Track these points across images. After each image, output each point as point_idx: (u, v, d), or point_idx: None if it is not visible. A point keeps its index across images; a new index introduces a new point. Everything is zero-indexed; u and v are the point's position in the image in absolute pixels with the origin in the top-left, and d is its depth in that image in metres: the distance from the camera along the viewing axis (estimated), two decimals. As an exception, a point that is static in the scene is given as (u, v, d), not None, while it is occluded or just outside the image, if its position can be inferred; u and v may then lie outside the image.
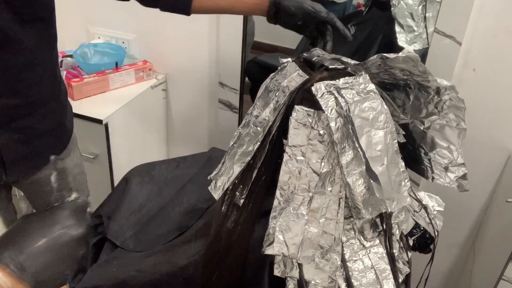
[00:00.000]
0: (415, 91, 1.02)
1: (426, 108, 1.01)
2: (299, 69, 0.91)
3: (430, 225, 1.10)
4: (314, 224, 0.88)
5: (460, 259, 1.94)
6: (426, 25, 1.61)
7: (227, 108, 1.94)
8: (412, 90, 1.02)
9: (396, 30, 1.64)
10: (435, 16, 1.56)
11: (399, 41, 1.65)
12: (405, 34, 1.64)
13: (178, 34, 1.91)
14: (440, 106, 1.00)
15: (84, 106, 1.76)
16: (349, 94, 0.84)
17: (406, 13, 1.62)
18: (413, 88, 1.02)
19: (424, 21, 1.63)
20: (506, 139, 1.64)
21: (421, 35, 1.64)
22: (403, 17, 1.62)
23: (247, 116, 0.96)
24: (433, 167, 1.06)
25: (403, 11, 1.61)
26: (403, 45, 1.65)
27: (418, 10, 1.61)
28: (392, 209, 0.88)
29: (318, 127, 0.85)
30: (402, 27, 1.63)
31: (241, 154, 0.94)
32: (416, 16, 1.62)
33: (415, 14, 1.62)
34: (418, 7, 1.61)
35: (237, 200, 0.96)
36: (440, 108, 1.00)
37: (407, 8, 1.61)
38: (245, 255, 1.00)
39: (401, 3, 1.62)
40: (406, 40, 1.64)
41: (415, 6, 1.60)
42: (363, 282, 0.92)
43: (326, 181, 0.87)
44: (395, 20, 1.63)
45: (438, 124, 1.01)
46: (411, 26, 1.63)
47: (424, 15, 1.61)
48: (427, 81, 0.97)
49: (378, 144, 0.85)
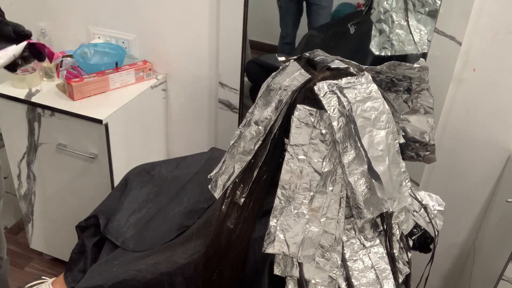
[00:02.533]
0: (402, 94, 1.06)
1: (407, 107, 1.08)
2: (301, 69, 0.91)
3: (430, 225, 1.10)
4: (315, 223, 0.88)
5: (460, 259, 1.94)
6: (411, 31, 1.59)
7: (227, 108, 1.94)
8: (401, 92, 1.05)
9: (372, 34, 1.63)
10: (417, 25, 1.56)
11: (371, 46, 1.63)
12: (378, 38, 1.62)
13: (178, 34, 1.91)
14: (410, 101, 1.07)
15: (84, 106, 1.76)
16: (351, 93, 0.84)
17: (382, 18, 1.60)
18: (402, 91, 1.05)
19: (400, 27, 1.60)
20: (506, 139, 1.64)
21: (392, 41, 1.62)
22: (379, 21, 1.60)
23: (248, 115, 0.96)
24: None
25: (380, 15, 1.60)
26: (372, 49, 1.62)
27: (393, 16, 1.59)
28: (394, 208, 0.88)
29: (320, 126, 0.85)
30: (378, 31, 1.62)
31: (242, 153, 0.94)
32: (389, 22, 1.60)
33: (389, 20, 1.60)
34: (395, 13, 1.58)
35: (238, 199, 0.96)
36: (411, 103, 1.07)
37: (383, 12, 1.60)
38: (245, 254, 1.00)
39: (379, 7, 1.60)
40: (377, 44, 1.63)
41: (391, 12, 1.58)
42: (363, 281, 0.93)
43: (327, 181, 0.87)
44: (373, 24, 1.62)
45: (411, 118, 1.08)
46: (385, 31, 1.61)
47: (407, 22, 1.59)
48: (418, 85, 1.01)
49: (380, 144, 0.85)
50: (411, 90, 1.05)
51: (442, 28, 1.53)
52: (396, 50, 1.61)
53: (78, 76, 1.84)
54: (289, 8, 1.90)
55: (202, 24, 1.85)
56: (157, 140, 2.12)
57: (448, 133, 1.71)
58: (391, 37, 1.60)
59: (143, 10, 1.92)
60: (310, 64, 0.95)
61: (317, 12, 1.85)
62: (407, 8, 1.56)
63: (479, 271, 1.73)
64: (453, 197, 1.78)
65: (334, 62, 0.92)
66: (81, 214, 1.98)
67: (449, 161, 1.75)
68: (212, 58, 1.91)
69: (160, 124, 2.10)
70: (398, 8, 1.57)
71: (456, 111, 1.66)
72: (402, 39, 1.59)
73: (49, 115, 1.79)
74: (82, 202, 1.95)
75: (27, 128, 1.86)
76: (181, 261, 1.09)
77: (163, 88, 2.03)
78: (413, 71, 0.98)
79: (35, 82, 1.87)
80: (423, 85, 1.03)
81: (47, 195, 2.01)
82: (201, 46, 1.90)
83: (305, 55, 0.97)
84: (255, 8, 1.75)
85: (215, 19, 1.82)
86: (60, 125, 1.79)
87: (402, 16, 1.58)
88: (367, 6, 1.74)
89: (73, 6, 2.02)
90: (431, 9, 1.54)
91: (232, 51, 1.81)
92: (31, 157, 1.93)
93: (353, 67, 0.92)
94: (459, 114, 1.66)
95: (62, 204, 2.02)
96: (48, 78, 1.92)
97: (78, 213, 2.00)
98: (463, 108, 1.65)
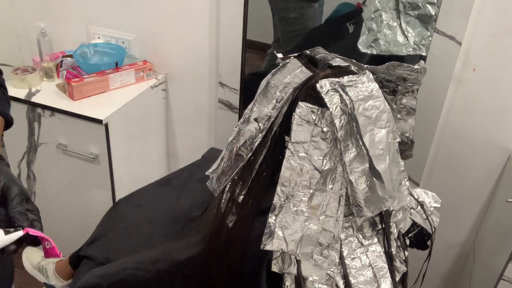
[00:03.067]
0: (387, 95, 1.07)
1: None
2: (302, 66, 0.91)
3: (427, 221, 1.10)
4: (314, 221, 0.88)
5: (460, 259, 1.94)
6: (405, 33, 1.58)
7: (227, 108, 1.94)
8: (386, 93, 1.06)
9: (362, 31, 1.62)
10: (405, 27, 1.55)
11: (358, 43, 1.62)
12: (366, 36, 1.61)
13: (178, 34, 1.92)
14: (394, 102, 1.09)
15: (84, 106, 1.76)
16: (353, 91, 0.84)
17: (372, 16, 1.59)
18: (387, 92, 1.06)
19: (388, 28, 1.59)
20: (506, 139, 1.64)
21: (379, 40, 1.61)
22: (369, 19, 1.60)
23: (247, 111, 0.95)
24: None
25: (370, 14, 1.59)
26: (359, 46, 1.61)
27: (382, 16, 1.58)
28: (394, 207, 0.88)
29: (321, 124, 0.85)
30: (367, 29, 1.61)
31: (242, 150, 0.94)
32: (378, 21, 1.59)
33: (378, 19, 1.59)
34: (385, 13, 1.58)
35: (237, 196, 0.96)
36: (394, 104, 1.09)
37: (373, 11, 1.59)
38: (243, 251, 0.99)
39: (371, 5, 1.59)
40: (365, 42, 1.62)
41: (381, 11, 1.58)
42: (361, 280, 0.93)
43: (327, 179, 0.87)
44: (363, 21, 1.62)
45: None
46: (374, 30, 1.61)
47: (399, 23, 1.58)
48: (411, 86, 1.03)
49: (381, 143, 0.85)
50: (396, 92, 1.06)
51: (442, 28, 1.53)
52: (381, 50, 1.60)
53: (78, 76, 1.84)
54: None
55: (202, 24, 1.85)
56: (157, 140, 2.13)
57: (448, 133, 1.71)
58: (379, 36, 1.59)
59: (143, 10, 1.92)
60: (311, 61, 0.95)
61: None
62: (398, 9, 1.55)
63: (479, 271, 1.72)
64: (453, 197, 1.78)
65: (335, 60, 0.92)
66: (81, 214, 1.98)
67: (449, 161, 1.75)
68: (212, 58, 1.91)
69: (160, 124, 2.10)
70: (388, 8, 1.56)
71: (456, 111, 1.66)
72: (389, 40, 1.58)
73: (49, 115, 1.79)
74: (82, 202, 1.95)
75: (27, 128, 1.86)
76: (180, 258, 1.09)
77: (163, 88, 2.03)
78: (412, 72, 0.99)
79: (35, 82, 1.87)
80: (415, 86, 1.04)
81: (47, 195, 2.01)
82: (201, 46, 1.90)
83: (306, 52, 0.97)
84: (255, 8, 1.75)
85: (215, 19, 1.82)
86: (60, 125, 1.79)
87: (391, 17, 1.57)
88: (366, 6, 1.74)
89: (73, 6, 2.02)
90: (421, 13, 1.54)
91: (232, 51, 1.82)
92: (31, 157, 1.93)
93: (354, 65, 0.92)
94: (459, 114, 1.66)
95: (62, 204, 2.02)
96: (48, 78, 1.92)
97: (78, 213, 2.01)
98: (463, 108, 1.65)
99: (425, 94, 1.49)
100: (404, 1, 1.54)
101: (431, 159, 1.77)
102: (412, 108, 1.09)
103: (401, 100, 1.09)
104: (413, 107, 1.09)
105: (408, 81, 1.02)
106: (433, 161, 1.78)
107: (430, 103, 1.62)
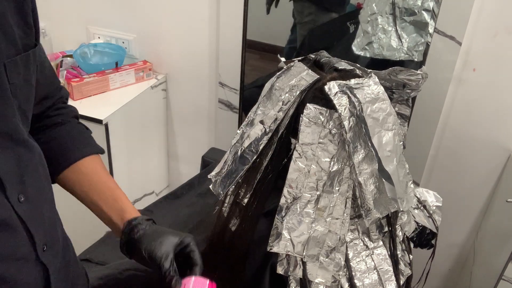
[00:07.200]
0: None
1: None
2: (308, 69, 0.91)
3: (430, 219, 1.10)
4: (320, 223, 0.88)
5: (460, 259, 1.95)
6: (400, 38, 1.58)
7: (227, 108, 1.94)
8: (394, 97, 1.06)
9: (357, 33, 1.62)
10: (400, 32, 1.56)
11: (353, 45, 1.61)
12: (361, 38, 1.61)
13: (178, 34, 1.91)
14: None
15: (84, 106, 1.76)
16: (361, 94, 0.85)
17: (368, 19, 1.59)
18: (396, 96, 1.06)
19: (383, 32, 1.59)
20: (506, 139, 1.64)
21: (373, 43, 1.61)
22: (365, 22, 1.59)
23: (251, 114, 0.95)
24: None
25: (366, 16, 1.59)
26: (354, 47, 1.61)
27: (378, 20, 1.58)
28: (404, 208, 0.89)
29: (329, 126, 0.85)
30: (362, 31, 1.61)
31: (246, 152, 0.94)
32: (374, 25, 1.60)
33: (374, 22, 1.59)
34: (381, 17, 1.57)
35: (241, 199, 0.96)
36: None
37: (370, 14, 1.59)
38: (246, 254, 0.99)
39: (367, 8, 1.59)
40: (359, 44, 1.61)
41: (377, 15, 1.58)
42: (366, 282, 0.93)
43: (334, 181, 0.87)
44: (360, 23, 1.62)
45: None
46: (369, 32, 1.61)
47: (395, 27, 1.58)
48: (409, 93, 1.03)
49: (388, 145, 0.85)
50: (391, 100, 1.06)
51: (442, 28, 1.54)
52: (375, 53, 1.60)
53: (78, 76, 1.84)
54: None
55: (202, 24, 1.85)
56: (157, 140, 2.12)
57: (448, 133, 1.71)
58: (373, 39, 1.59)
59: (143, 10, 1.92)
60: (316, 65, 0.95)
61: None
62: (394, 13, 1.55)
63: (479, 271, 1.73)
64: (453, 197, 1.78)
65: (340, 63, 0.92)
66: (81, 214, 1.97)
67: (449, 161, 1.75)
68: (212, 58, 1.91)
69: (160, 124, 2.10)
70: (385, 13, 1.56)
71: (456, 111, 1.66)
72: (383, 43, 1.58)
73: (49, 115, 1.78)
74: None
75: (26, 128, 1.85)
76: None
77: (163, 88, 2.03)
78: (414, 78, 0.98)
79: (35, 82, 1.86)
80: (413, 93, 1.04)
81: (47, 195, 2.01)
82: (201, 46, 1.90)
83: (311, 56, 0.97)
84: (255, 8, 1.75)
85: (215, 19, 1.82)
86: (60, 125, 1.78)
87: (387, 21, 1.57)
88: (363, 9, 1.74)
89: (73, 6, 2.01)
90: (416, 19, 1.54)
91: (232, 51, 1.81)
92: (31, 157, 1.92)
93: (358, 69, 0.93)
94: (459, 114, 1.67)
95: (61, 205, 2.00)
96: (47, 78, 1.91)
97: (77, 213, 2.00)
98: (463, 108, 1.65)
99: (425, 94, 1.50)
100: (400, 6, 1.54)
101: (431, 159, 1.77)
102: (406, 115, 1.09)
103: (394, 108, 1.09)
104: (407, 114, 1.09)
105: (407, 88, 1.01)
106: (433, 161, 1.78)
107: (430, 103, 1.63)
